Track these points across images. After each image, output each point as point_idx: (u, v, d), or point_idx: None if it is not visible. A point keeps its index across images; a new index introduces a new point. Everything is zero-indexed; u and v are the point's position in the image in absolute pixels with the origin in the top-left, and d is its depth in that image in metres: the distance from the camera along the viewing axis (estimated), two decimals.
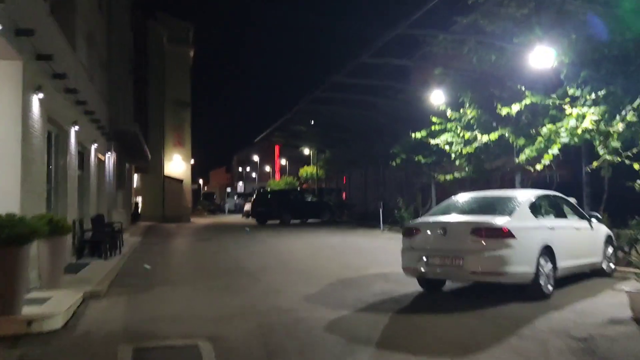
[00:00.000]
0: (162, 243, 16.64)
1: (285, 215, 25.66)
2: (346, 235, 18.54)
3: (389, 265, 10.62)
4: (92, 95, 13.86)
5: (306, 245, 15.15)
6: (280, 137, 31.87)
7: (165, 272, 10.30)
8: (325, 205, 27.99)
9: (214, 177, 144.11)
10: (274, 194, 27.78)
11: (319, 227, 23.47)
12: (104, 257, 11.23)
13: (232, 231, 22.57)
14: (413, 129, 17.58)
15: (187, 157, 38.14)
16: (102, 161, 16.54)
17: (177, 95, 37.26)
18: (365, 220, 24.66)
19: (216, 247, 15.27)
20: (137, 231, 21.32)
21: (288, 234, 19.64)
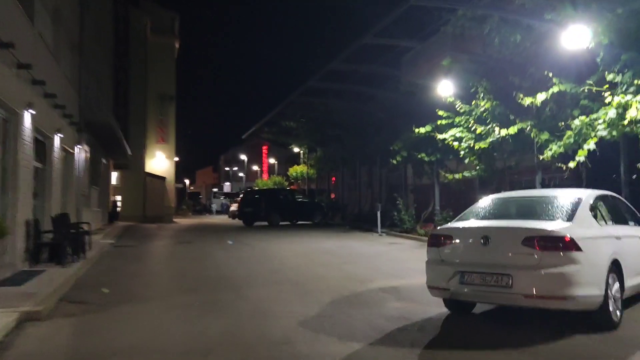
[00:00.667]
0: (137, 246, 15.00)
1: (274, 216, 24.10)
2: (342, 239, 17.05)
3: (397, 276, 9.14)
4: (56, 77, 12.21)
5: (299, 250, 13.63)
6: (269, 133, 30.31)
7: (133, 283, 8.70)
8: (317, 206, 26.47)
9: (201, 176, 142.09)
10: (262, 193, 26.18)
11: (310, 229, 21.95)
12: (63, 263, 9.60)
13: (216, 233, 20.95)
14: (416, 124, 16.22)
15: (170, 154, 36.40)
16: (71, 154, 14.86)
17: (161, 89, 35.52)
18: (359, 223, 23.20)
19: (198, 251, 13.68)
20: (113, 232, 19.61)
21: (278, 236, 18.09)
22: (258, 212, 24.18)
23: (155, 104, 35.32)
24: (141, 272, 9.90)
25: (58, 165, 12.40)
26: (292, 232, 20.11)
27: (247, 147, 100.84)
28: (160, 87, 35.49)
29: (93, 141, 19.50)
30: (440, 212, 16.17)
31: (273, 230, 21.75)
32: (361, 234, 19.07)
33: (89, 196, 18.79)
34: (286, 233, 19.80)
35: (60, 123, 12.49)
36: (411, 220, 17.56)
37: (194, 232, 22.10)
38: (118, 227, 22.76)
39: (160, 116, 35.75)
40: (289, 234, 19.46)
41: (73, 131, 14.81)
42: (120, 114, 29.31)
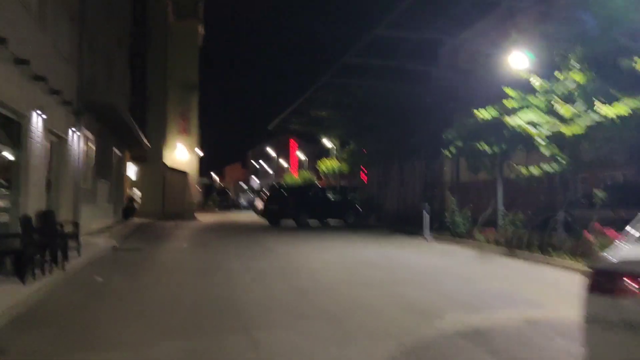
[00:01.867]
0: (140, 251, 12.77)
1: (302, 215, 21.64)
2: (382, 244, 14.46)
3: (474, 307, 6.54)
4: (37, 43, 10.00)
5: (333, 259, 11.12)
6: (298, 124, 27.87)
7: (105, 315, 6.35)
8: (350, 204, 23.90)
9: (229, 172, 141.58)
10: (290, 190, 23.72)
11: (343, 231, 19.41)
12: (23, 278, 7.33)
13: (237, 234, 18.63)
14: (474, 107, 13.55)
15: (193, 147, 34.39)
16: (63, 140, 12.71)
17: (183, 77, 33.53)
18: (399, 225, 20.53)
19: (209, 259, 11.32)
20: (121, 232, 17.51)
21: (307, 240, 15.62)
22: (285, 210, 21.77)
23: (176, 93, 33.34)
24: (127, 293, 7.55)
25: (39, 152, 10.21)
26: (323, 235, 17.61)
27: (276, 142, 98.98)
28: (182, 74, 33.49)
29: (100, 128, 17.43)
30: (505, 215, 13.38)
31: (301, 231, 19.30)
32: (404, 239, 16.42)
33: (94, 190, 16.72)
34: (316, 235, 17.31)
35: (42, 100, 10.28)
36: (466, 223, 14.82)
37: (213, 231, 19.86)
38: (130, 225, 20.72)
39: (182, 106, 33.75)
40: (319, 236, 16.97)
41: (67, 113, 12.66)
42: (137, 101, 27.40)
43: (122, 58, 23.36)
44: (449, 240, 14.92)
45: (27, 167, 9.54)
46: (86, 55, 14.70)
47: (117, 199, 22.92)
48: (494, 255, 12.10)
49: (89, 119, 15.36)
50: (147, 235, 17.62)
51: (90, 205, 15.89)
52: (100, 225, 17.51)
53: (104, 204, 18.68)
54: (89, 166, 15.82)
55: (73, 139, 13.38)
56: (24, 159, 9.54)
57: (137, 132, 21.40)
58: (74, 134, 13.46)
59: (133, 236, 16.88)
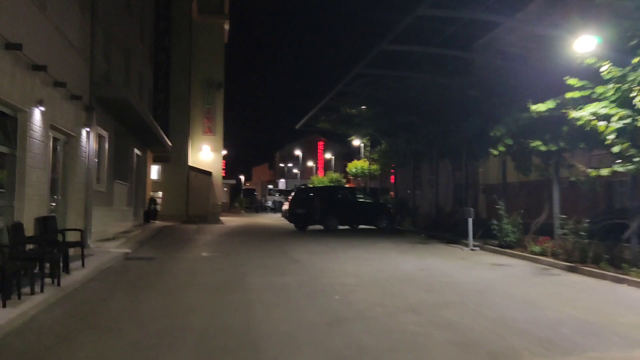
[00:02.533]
0: (154, 260, 11.68)
1: (331, 219, 20.31)
2: (422, 254, 13.03)
3: (560, 344, 5.13)
4: (34, 26, 8.98)
5: (367, 274, 9.78)
6: (327, 123, 26.58)
7: (89, 347, 5.18)
8: (383, 208, 22.48)
9: (257, 173, 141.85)
10: (317, 192, 22.35)
11: (376, 237, 18.02)
12: (4, 298, 6.24)
13: (262, 240, 17.46)
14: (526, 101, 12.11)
15: (218, 147, 33.52)
16: (73, 138, 11.74)
17: (207, 74, 32.71)
18: (435, 231, 19.03)
19: (228, 272, 10.13)
20: (138, 237, 16.55)
21: (336, 248, 14.32)
22: (312, 214, 20.47)
23: (201, 91, 32.55)
24: (124, 319, 6.38)
25: (39, 150, 9.19)
26: (354, 242, 16.27)
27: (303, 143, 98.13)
28: (207, 72, 32.68)
29: (117, 126, 16.53)
30: (564, 222, 11.79)
31: (330, 237, 17.99)
32: (444, 247, 14.94)
33: (110, 193, 15.80)
34: (347, 243, 15.98)
35: (43, 92, 9.27)
36: (516, 230, 13.26)
37: (236, 237, 18.74)
38: (150, 229, 19.80)
39: (207, 105, 32.92)
40: (350, 244, 15.63)
41: (77, 108, 11.68)
42: (160, 99, 26.68)
43: (143, 53, 22.53)
44: (496, 250, 13.39)
45: (23, 168, 8.52)
46: (100, 47, 13.76)
47: (137, 201, 22.10)
48: (553, 270, 10.56)
49: (103, 115, 14.44)
50: (166, 240, 16.61)
51: (105, 209, 14.96)
52: (118, 230, 16.62)
53: (122, 207, 17.79)
54: (104, 167, 14.89)
55: (84, 137, 12.42)
56: (20, 158, 8.53)
57: (158, 131, 20.50)
58: (86, 131, 12.49)
59: (150, 242, 15.89)
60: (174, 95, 28.61)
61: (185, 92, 29.84)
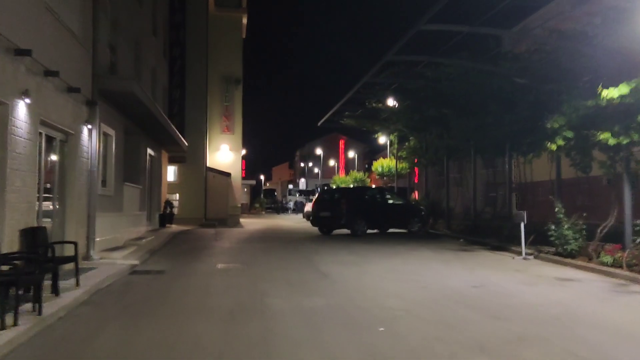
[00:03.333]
0: (164, 274, 10.35)
1: (358, 223, 18.78)
2: (469, 265, 11.44)
3: None
4: (18, 3, 7.69)
5: (411, 292, 8.26)
6: (351, 118, 25.09)
7: None
8: (414, 209, 20.89)
9: (277, 173, 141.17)
10: (344, 193, 20.79)
11: (411, 243, 16.45)
12: None
13: (284, 246, 16.06)
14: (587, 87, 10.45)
15: (237, 147, 32.26)
16: (72, 136, 10.48)
17: (225, 70, 31.48)
18: (474, 235, 17.37)
19: (245, 290, 8.72)
20: (150, 245, 15.32)
21: (368, 257, 12.82)
22: (338, 217, 18.95)
23: (218, 88, 31.34)
24: None
25: (25, 150, 7.90)
26: (387, 250, 14.73)
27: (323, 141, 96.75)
28: (225, 68, 31.45)
29: (127, 124, 15.31)
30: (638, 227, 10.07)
31: (359, 243, 16.49)
32: (491, 255, 13.31)
33: (119, 196, 14.58)
34: (380, 251, 14.46)
35: (30, 82, 7.99)
36: (578, 237, 11.56)
37: (256, 242, 17.37)
38: (164, 235, 18.57)
39: (225, 102, 31.69)
40: (384, 252, 14.10)
41: (76, 103, 10.42)
42: (176, 96, 25.52)
43: (156, 47, 21.37)
44: (555, 260, 11.71)
45: (2, 170, 7.24)
46: (104, 35, 12.52)
47: (152, 205, 20.93)
48: (633, 287, 8.88)
49: (109, 111, 13.20)
50: (180, 248, 15.32)
51: (113, 215, 13.73)
52: (129, 237, 15.41)
53: (133, 211, 16.58)
54: (111, 168, 13.66)
55: (85, 135, 11.16)
56: (2, 159, 7.25)
57: (172, 129, 19.28)
58: (87, 128, 11.24)
59: (163, 250, 14.61)
60: (190, 92, 27.44)
61: (202, 89, 28.64)
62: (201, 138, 28.42)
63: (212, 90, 30.86)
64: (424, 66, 16.29)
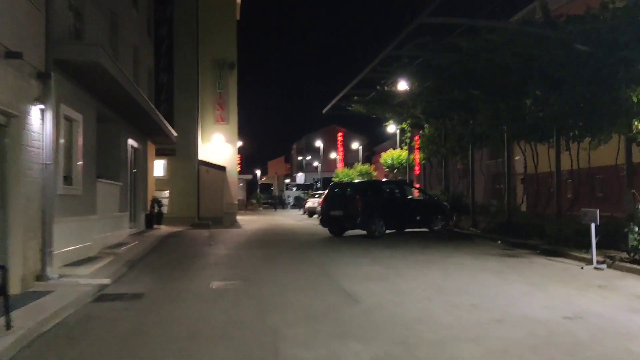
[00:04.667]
0: (138, 300, 7.94)
1: (376, 223, 16.32)
2: (531, 278, 9.05)
3: None
4: None
5: (483, 327, 5.85)
6: (360, 104, 22.63)
7: None
8: (438, 206, 18.51)
9: (272, 167, 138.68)
10: (358, 188, 18.09)
11: (441, 247, 14.09)
12: None
13: (292, 252, 13.68)
14: None
15: (232, 138, 29.78)
16: (15, 119, 8.01)
17: (218, 53, 28.95)
18: (512, 235, 15.03)
19: (247, 329, 6.31)
20: (131, 253, 12.91)
21: (399, 269, 10.43)
22: (352, 216, 16.46)
23: (211, 74, 28.80)
24: None
25: None
26: (417, 256, 12.33)
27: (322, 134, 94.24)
28: (217, 51, 28.91)
29: (100, 108, 12.85)
30: None
31: (380, 247, 14.11)
32: (549, 263, 10.93)
33: (90, 196, 12.13)
34: (408, 258, 12.07)
35: None
36: None
37: (258, 248, 14.97)
38: (150, 239, 16.14)
39: (219, 89, 29.17)
40: (414, 260, 11.71)
41: (18, 74, 7.95)
42: (163, 80, 23.03)
43: (138, 23, 18.85)
44: (635, 270, 9.35)
45: None
46: None
47: (136, 204, 18.48)
48: None
49: (75, 91, 10.74)
50: (166, 257, 12.90)
51: (81, 219, 11.28)
52: (104, 244, 12.98)
53: (110, 213, 14.13)
54: (78, 162, 11.19)
55: (36, 119, 8.69)
56: None
57: (157, 116, 16.82)
58: (39, 109, 8.76)
59: (145, 261, 12.19)
60: (179, 77, 24.93)
61: (193, 74, 26.09)
62: (192, 128, 25.92)
63: (204, 75, 28.34)
64: (459, 35, 13.83)
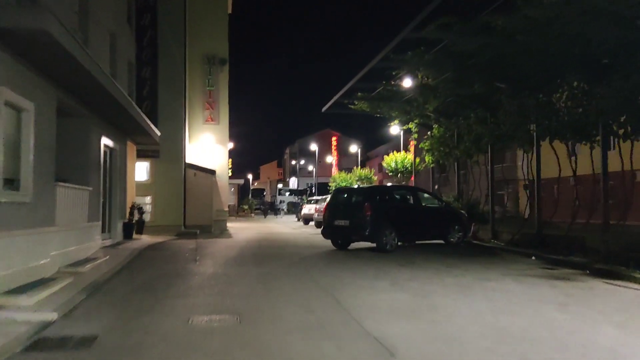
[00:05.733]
0: (80, 353, 5.79)
1: (387, 234, 14.23)
2: (609, 314, 7.01)
3: None
4: None
5: None
6: (364, 102, 20.62)
7: None
8: (454, 215, 16.47)
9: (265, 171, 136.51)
10: (366, 194, 15.66)
11: (465, 264, 12.04)
12: None
13: (292, 270, 11.59)
14: None
15: (222, 139, 27.70)
16: None
17: (208, 48, 26.95)
18: (545, 250, 13.04)
19: None
20: (99, 271, 10.75)
21: (426, 295, 8.37)
22: (360, 227, 14.35)
23: (200, 70, 26.77)
24: None
25: None
26: (442, 276, 10.25)
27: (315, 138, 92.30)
28: (207, 45, 26.92)
29: (62, 98, 10.71)
30: None
31: (394, 265, 12.05)
32: (609, 288, 8.92)
33: (48, 204, 9.98)
34: (433, 279, 9.99)
35: None
36: None
37: (252, 264, 12.85)
38: (124, 254, 13.95)
39: (208, 87, 27.09)
40: (442, 282, 9.64)
41: None
42: (146, 75, 20.90)
43: (117, 7, 16.74)
44: None
45: None
46: None
47: (111, 212, 16.33)
48: None
49: (23, 72, 8.61)
50: (139, 278, 10.74)
51: (31, 233, 9.10)
52: (66, 261, 10.82)
53: (76, 223, 11.97)
54: (27, 161, 9.04)
55: None
56: None
57: (135, 111, 14.72)
58: None
59: (112, 283, 10.02)
60: (164, 72, 22.81)
61: (180, 69, 23.99)
62: (179, 128, 23.79)
63: (193, 71, 26.28)
64: (491, 13, 11.84)
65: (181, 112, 23.90)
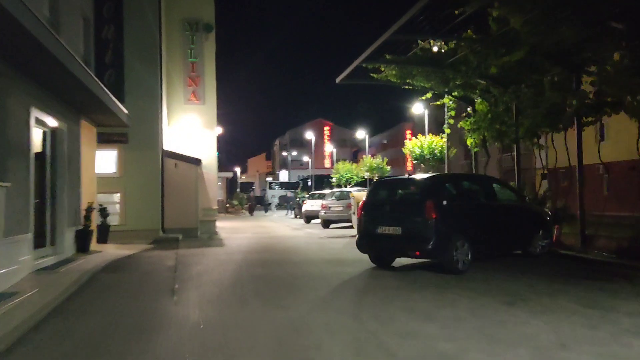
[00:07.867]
0: None
1: (459, 248, 9.74)
2: None
3: None
4: None
5: None
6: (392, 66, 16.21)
7: None
8: (538, 216, 12.12)
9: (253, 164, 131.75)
10: (425, 187, 10.13)
11: (582, 290, 7.74)
12: None
13: (320, 311, 7.24)
14: None
15: (209, 122, 23.18)
16: None
17: (190, 10, 22.36)
18: None
19: None
20: (6, 323, 6.26)
21: None
22: (419, 237, 9.63)
23: (180, 36, 22.22)
24: None
25: None
26: (573, 324, 5.90)
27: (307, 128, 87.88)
28: (189, 7, 22.34)
29: None
30: None
31: (479, 297, 7.78)
32: None
33: None
34: (561, 328, 5.62)
35: None
36: None
37: (253, 297, 8.45)
38: (64, 282, 9.43)
39: (191, 58, 22.52)
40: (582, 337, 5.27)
41: None
42: (108, 35, 16.30)
43: None
44: None
45: None
46: None
47: (55, 216, 11.83)
48: None
49: None
50: (70, 339, 6.29)
51: None
52: None
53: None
54: None
55: None
56: None
57: (85, 74, 10.20)
58: None
59: (19, 352, 5.58)
60: (132, 36, 18.24)
61: (154, 32, 19.29)
62: (154, 107, 19.19)
63: (171, 38, 21.75)
64: None
65: (156, 87, 19.27)
